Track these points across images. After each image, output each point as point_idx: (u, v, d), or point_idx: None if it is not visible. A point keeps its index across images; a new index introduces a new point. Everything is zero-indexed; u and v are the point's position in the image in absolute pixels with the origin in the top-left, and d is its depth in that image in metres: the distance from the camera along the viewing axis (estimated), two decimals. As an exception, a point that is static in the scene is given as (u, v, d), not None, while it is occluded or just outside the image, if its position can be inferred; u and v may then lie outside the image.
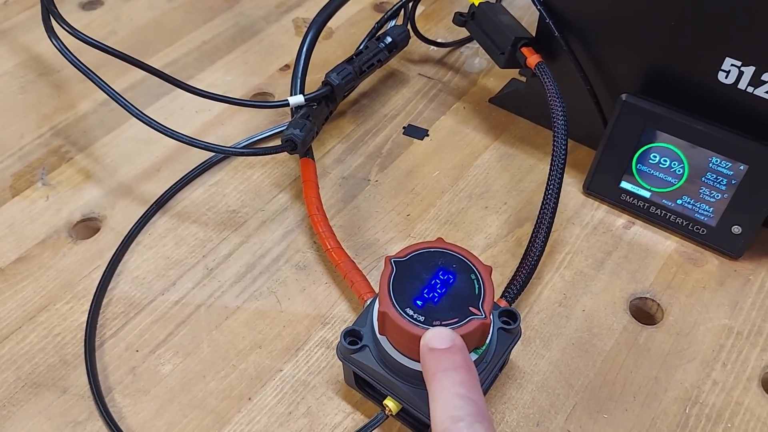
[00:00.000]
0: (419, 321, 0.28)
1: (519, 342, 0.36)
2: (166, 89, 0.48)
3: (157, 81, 0.40)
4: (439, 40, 0.51)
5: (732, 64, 0.35)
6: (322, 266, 0.39)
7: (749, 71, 0.35)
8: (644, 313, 0.38)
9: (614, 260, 0.39)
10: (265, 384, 0.34)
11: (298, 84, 0.43)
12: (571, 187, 0.43)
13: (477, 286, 0.30)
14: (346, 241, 0.40)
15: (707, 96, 0.37)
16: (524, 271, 0.36)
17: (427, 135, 0.46)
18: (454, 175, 0.44)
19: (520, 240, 0.40)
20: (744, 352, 0.35)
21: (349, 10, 0.54)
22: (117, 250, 0.39)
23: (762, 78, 0.34)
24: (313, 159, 0.41)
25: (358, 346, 0.31)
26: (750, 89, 0.35)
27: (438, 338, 0.26)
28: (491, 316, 0.32)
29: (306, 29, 0.45)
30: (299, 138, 0.39)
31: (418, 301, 0.29)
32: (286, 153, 0.40)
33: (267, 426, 0.33)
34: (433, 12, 0.56)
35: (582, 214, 0.41)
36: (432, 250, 0.31)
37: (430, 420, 0.26)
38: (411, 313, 0.28)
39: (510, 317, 0.32)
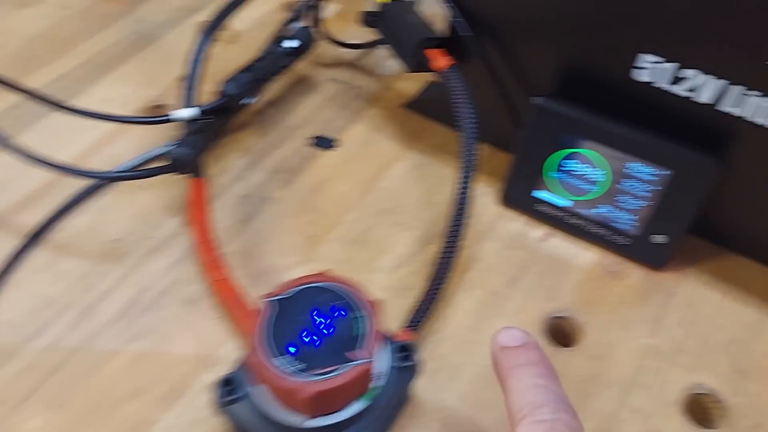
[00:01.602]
0: (294, 371, 0.25)
1: (423, 375, 0.33)
2: (45, 109, 0.44)
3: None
4: (352, 42, 0.48)
5: (648, 61, 0.32)
6: (212, 300, 0.36)
7: (667, 68, 0.32)
8: (561, 334, 0.35)
9: (531, 277, 0.36)
10: (142, 437, 0.31)
11: (190, 96, 0.40)
12: (488, 198, 0.40)
13: (361, 325, 0.27)
14: (243, 268, 0.37)
15: (625, 97, 0.34)
16: (429, 297, 0.33)
17: (336, 145, 0.43)
18: (363, 189, 0.41)
19: (431, 258, 0.37)
20: (666, 374, 0.32)
21: (256, 11, 0.51)
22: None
23: (682, 74, 0.32)
24: (205, 177, 0.38)
25: (236, 396, 0.28)
26: (668, 87, 0.33)
27: (509, 337, 0.26)
28: (388, 353, 0.29)
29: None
30: (188, 157, 0.36)
31: (293, 348, 0.26)
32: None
33: (140, 487, 0.30)
34: (348, 11, 0.52)
35: (498, 227, 0.39)
36: (312, 285, 0.28)
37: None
38: (285, 362, 0.26)
39: (407, 352, 0.30)
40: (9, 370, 0.33)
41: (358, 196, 0.40)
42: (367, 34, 0.49)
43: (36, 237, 0.38)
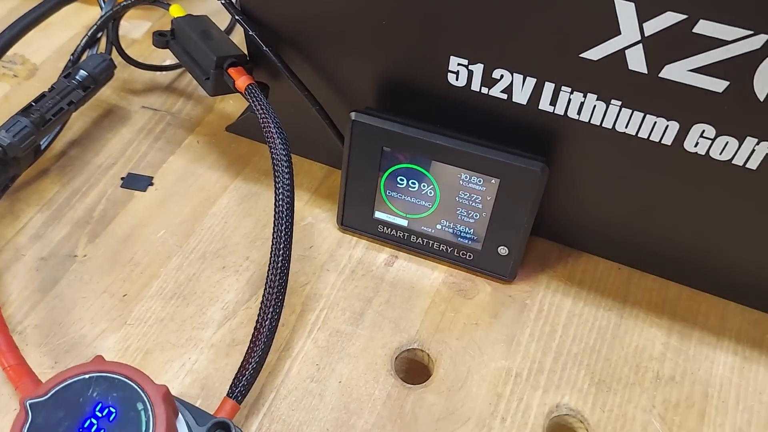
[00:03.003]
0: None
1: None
2: None
3: None
4: (164, 64, 0.44)
5: (459, 64, 0.30)
6: (7, 389, 0.30)
7: (478, 69, 0.30)
8: (413, 369, 0.32)
9: (375, 308, 0.33)
10: None
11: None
12: (326, 224, 0.37)
13: (145, 418, 0.23)
14: (43, 345, 0.32)
15: (443, 103, 0.32)
16: (255, 356, 0.29)
17: (152, 184, 0.38)
18: (183, 232, 0.36)
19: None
20: (525, 398, 0.30)
21: (56, 39, 0.45)
22: None
23: (493, 75, 0.30)
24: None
25: None
26: (484, 90, 0.30)
27: None
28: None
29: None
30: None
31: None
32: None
33: None
34: (160, 29, 0.47)
35: (338, 255, 0.36)
36: (84, 377, 0.24)
37: None
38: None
39: (225, 429, 0.26)
40: None
41: (178, 241, 0.36)
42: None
43: None
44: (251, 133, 0.40)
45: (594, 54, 0.27)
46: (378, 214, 0.35)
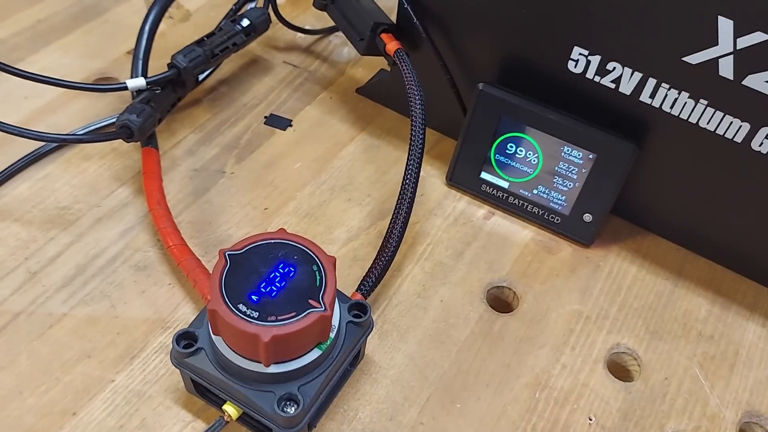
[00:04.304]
0: (252, 317, 0.28)
1: (376, 336, 0.37)
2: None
3: (-24, 63, 0.37)
4: (306, 27, 0.52)
5: (580, 54, 0.38)
6: (166, 266, 0.38)
7: (596, 60, 0.38)
8: (501, 301, 0.40)
9: (473, 250, 0.41)
10: (94, 397, 0.33)
11: (139, 66, 0.42)
12: (435, 179, 0.45)
13: (318, 278, 0.30)
14: (194, 238, 0.39)
15: (559, 85, 0.39)
16: (380, 264, 0.37)
17: (291, 125, 0.46)
18: (316, 167, 0.44)
19: (382, 232, 0.41)
20: (592, 335, 0.38)
21: (210, -8, 0.54)
22: (-76, 253, 0.36)
23: (607, 67, 0.38)
24: (156, 149, 0.41)
25: (193, 349, 0.31)
26: (597, 78, 0.38)
27: None
28: (340, 309, 0.33)
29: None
30: (136, 124, 0.38)
31: (252, 297, 0.29)
32: (124, 142, 0.39)
33: (95, 442, 0.32)
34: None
35: (444, 205, 0.43)
36: (272, 241, 0.31)
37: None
38: (243, 309, 0.28)
39: (360, 310, 0.33)
40: (-46, 331, 0.34)
41: (312, 174, 0.44)
42: (320, 21, 0.53)
43: (-24, 203, 0.39)
44: (378, 96, 0.48)
45: (693, 59, 0.35)
46: (484, 175, 0.42)
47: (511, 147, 0.41)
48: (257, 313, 0.28)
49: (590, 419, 0.35)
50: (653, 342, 0.38)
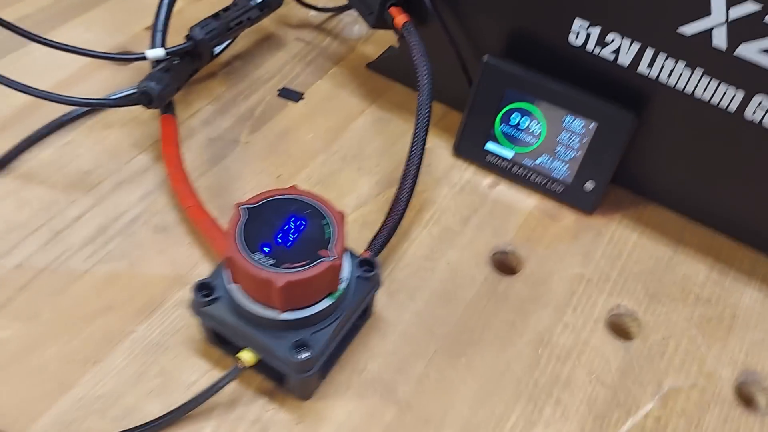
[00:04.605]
0: (267, 264, 0.30)
1: (384, 295, 0.39)
2: (15, 44, 0.47)
3: (5, 35, 0.39)
4: (318, 6, 0.54)
5: (580, 26, 0.40)
6: (184, 227, 0.40)
7: (596, 32, 0.39)
8: (505, 265, 0.41)
9: (479, 217, 0.43)
10: (114, 347, 0.35)
11: (158, 38, 0.44)
12: (443, 150, 0.46)
13: (329, 230, 0.32)
14: (211, 202, 0.41)
15: (562, 58, 0.41)
16: (388, 226, 0.39)
17: (303, 98, 0.48)
18: (328, 138, 0.46)
19: (390, 199, 0.42)
20: (593, 297, 0.40)
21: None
22: (-49, 212, 0.38)
23: (606, 39, 0.39)
24: (174, 116, 0.42)
25: (211, 298, 0.33)
26: (597, 50, 0.40)
27: None
28: (350, 265, 0.34)
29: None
30: (155, 90, 0.40)
31: (265, 247, 0.31)
32: (147, 111, 0.41)
33: (115, 388, 0.33)
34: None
35: (451, 175, 0.45)
36: (284, 197, 0.33)
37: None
38: (259, 257, 0.30)
39: (369, 265, 0.35)
40: (-21, 284, 0.36)
41: (324, 144, 0.45)
42: (332, 0, 0.54)
43: (0, 166, 0.41)
44: (387, 70, 0.50)
45: (688, 29, 0.36)
46: (489, 146, 0.44)
47: (516, 118, 0.43)
48: (272, 261, 0.30)
49: (590, 375, 0.36)
50: (652, 304, 0.39)
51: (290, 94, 0.48)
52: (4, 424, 0.32)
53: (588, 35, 0.39)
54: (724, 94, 0.37)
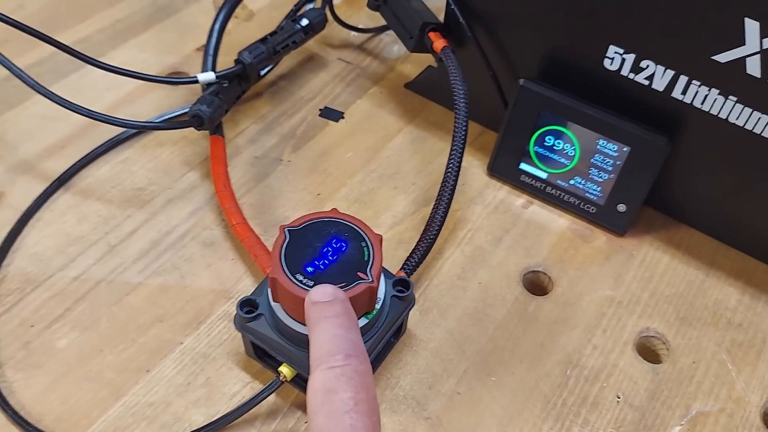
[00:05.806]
0: (308, 286, 0.32)
1: (417, 313, 0.40)
2: (74, 66, 0.50)
3: (66, 57, 0.42)
4: (359, 26, 0.56)
5: (615, 52, 0.40)
6: (230, 243, 0.42)
7: (630, 58, 0.40)
8: (536, 285, 0.43)
9: (512, 237, 0.44)
10: (165, 356, 0.37)
11: (209, 61, 0.47)
12: (477, 170, 0.47)
13: (366, 253, 0.34)
14: (255, 218, 0.43)
15: (596, 82, 0.42)
16: (423, 246, 0.40)
17: (343, 117, 0.50)
18: (366, 157, 0.48)
19: (425, 218, 0.44)
20: (623, 319, 0.40)
21: (271, -6, 0.58)
22: (14, 226, 0.41)
23: (641, 65, 0.40)
24: (222, 137, 0.45)
25: (254, 314, 0.35)
26: (631, 75, 0.40)
27: (320, 293, 0.30)
28: (385, 284, 0.36)
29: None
30: (206, 114, 0.43)
31: (308, 268, 0.33)
32: (196, 131, 0.44)
33: (165, 396, 0.36)
34: (356, -2, 0.60)
35: (485, 194, 0.46)
36: (326, 219, 0.35)
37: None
38: (300, 278, 0.32)
39: (403, 285, 0.37)
40: (40, 295, 0.39)
41: (362, 163, 0.47)
42: (373, 21, 0.56)
43: (61, 182, 0.44)
44: (425, 91, 0.52)
45: (722, 58, 0.36)
46: (523, 166, 0.45)
47: (550, 139, 0.44)
48: (312, 282, 0.32)
49: (618, 397, 0.37)
50: (683, 328, 0.40)
51: (331, 114, 0.50)
52: (62, 429, 0.35)
53: (623, 60, 0.40)
54: (759, 120, 0.38)
